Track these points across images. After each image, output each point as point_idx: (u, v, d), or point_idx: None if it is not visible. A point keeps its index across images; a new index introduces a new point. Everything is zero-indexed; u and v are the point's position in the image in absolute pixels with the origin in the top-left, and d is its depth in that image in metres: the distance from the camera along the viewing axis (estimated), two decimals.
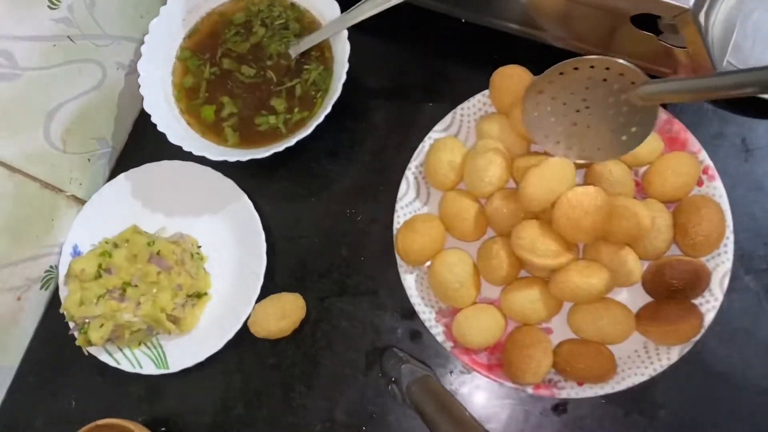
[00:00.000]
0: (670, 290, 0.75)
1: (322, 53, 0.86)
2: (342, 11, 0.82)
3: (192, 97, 0.86)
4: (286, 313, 0.80)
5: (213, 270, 0.85)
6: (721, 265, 0.76)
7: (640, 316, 0.76)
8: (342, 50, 0.81)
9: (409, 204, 0.83)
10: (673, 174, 0.77)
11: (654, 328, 0.74)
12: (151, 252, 0.80)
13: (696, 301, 0.76)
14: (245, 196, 0.84)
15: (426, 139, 0.84)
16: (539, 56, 0.85)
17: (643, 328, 0.75)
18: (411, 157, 0.83)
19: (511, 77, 0.80)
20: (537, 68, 0.81)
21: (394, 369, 0.72)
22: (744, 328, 0.78)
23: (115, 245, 0.81)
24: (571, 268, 0.73)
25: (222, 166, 0.83)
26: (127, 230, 0.82)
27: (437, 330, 0.79)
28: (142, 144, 0.92)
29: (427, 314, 0.79)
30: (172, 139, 0.80)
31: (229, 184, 0.85)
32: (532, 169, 0.74)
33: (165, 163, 0.87)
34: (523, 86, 0.80)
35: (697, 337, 0.74)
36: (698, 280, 0.74)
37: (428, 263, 0.80)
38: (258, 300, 0.82)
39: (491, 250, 0.77)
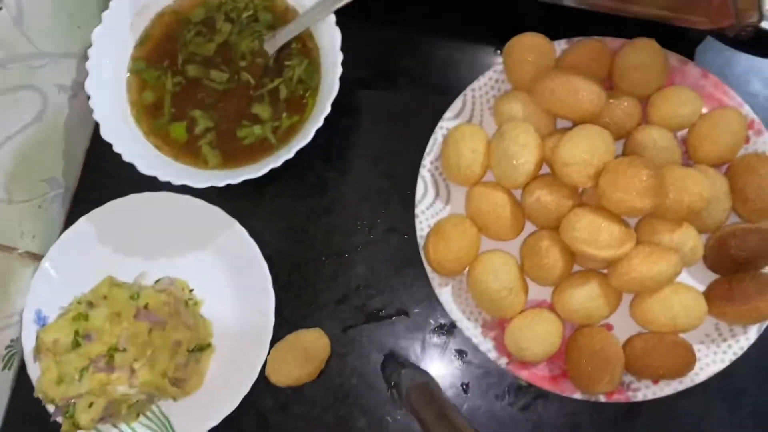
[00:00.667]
0: (738, 263, 0.68)
1: (304, 45, 0.73)
2: None
3: (155, 115, 0.73)
4: (309, 355, 0.69)
5: (213, 315, 0.73)
6: None
7: (711, 296, 0.68)
8: (330, 38, 0.70)
9: (429, 206, 0.72)
10: (721, 134, 0.69)
11: (730, 309, 0.66)
12: (137, 306, 0.67)
13: (766, 270, 0.69)
14: (237, 224, 0.73)
15: (437, 129, 0.73)
16: (550, 20, 0.76)
17: (717, 310, 0.67)
18: (422, 152, 0.73)
19: (530, 48, 0.71)
20: (551, 34, 0.72)
21: (394, 374, 0.67)
22: None
23: (91, 304, 0.69)
24: (633, 255, 0.64)
25: (202, 192, 0.70)
26: (101, 284, 0.70)
27: (487, 346, 0.69)
28: (99, 178, 0.78)
29: (472, 329, 0.70)
30: (144, 169, 0.67)
31: (216, 211, 0.73)
32: (566, 133, 0.66)
33: (133, 198, 0.74)
34: (543, 56, 0.71)
35: None
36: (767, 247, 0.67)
37: (465, 271, 0.70)
38: (272, 343, 0.70)
39: (539, 248, 0.67)
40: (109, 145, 0.67)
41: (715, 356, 0.68)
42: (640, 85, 0.70)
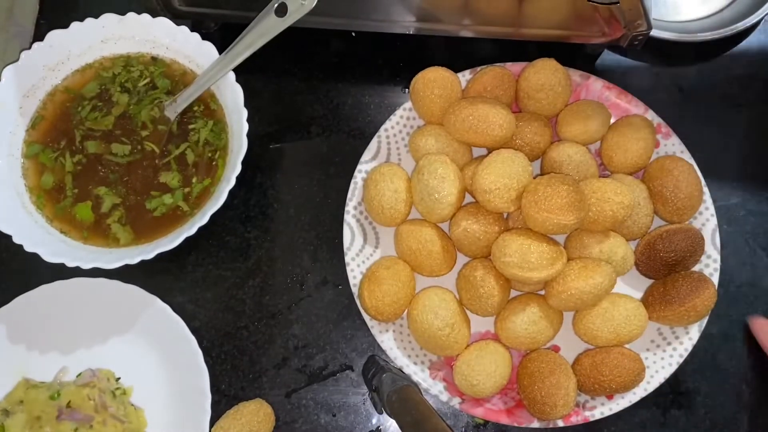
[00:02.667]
0: (669, 264, 0.68)
1: (206, 106, 0.71)
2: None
3: (57, 198, 0.69)
4: (253, 428, 0.64)
5: (145, 402, 0.68)
6: (707, 223, 0.71)
7: (649, 302, 0.68)
8: (233, 96, 0.68)
9: (359, 253, 0.70)
10: (632, 142, 0.70)
11: (669, 312, 0.66)
12: (59, 406, 0.63)
13: (696, 268, 0.69)
14: (158, 300, 0.69)
15: (356, 173, 0.72)
16: (451, 52, 0.77)
17: (657, 314, 0.67)
18: (344, 198, 0.71)
19: (434, 81, 0.71)
20: (456, 67, 0.72)
21: (375, 378, 0.65)
22: (747, 283, 0.72)
23: (6, 412, 0.64)
24: (567, 273, 0.64)
25: (117, 272, 0.66)
26: (16, 388, 0.66)
27: (438, 388, 0.67)
28: (5, 272, 0.72)
29: (420, 373, 0.67)
30: (49, 257, 0.62)
31: (134, 290, 0.69)
32: (482, 161, 0.66)
33: (43, 289, 0.69)
34: (448, 89, 0.71)
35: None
36: (694, 245, 0.68)
37: (405, 314, 0.68)
38: (212, 422, 0.66)
39: (474, 278, 0.66)
40: (10, 237, 0.63)
41: (662, 361, 0.68)
42: (547, 104, 0.71)
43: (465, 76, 0.73)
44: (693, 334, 0.68)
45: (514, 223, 0.68)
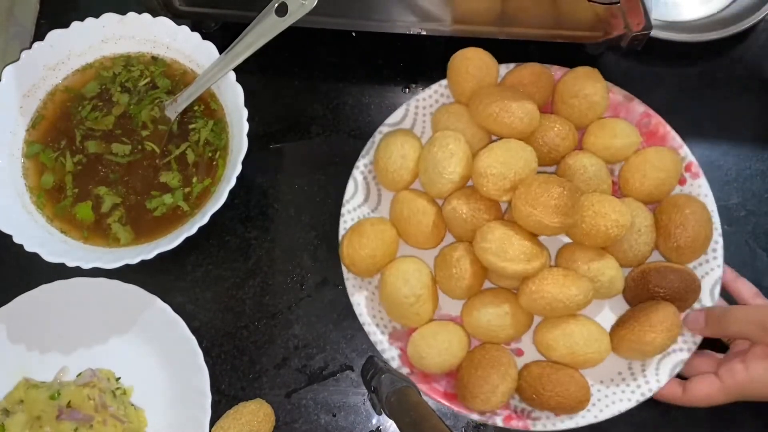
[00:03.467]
0: (655, 300, 0.66)
1: (207, 106, 0.71)
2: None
3: (57, 198, 0.69)
4: (253, 428, 0.64)
5: (145, 402, 0.68)
6: (710, 273, 0.68)
7: (614, 326, 0.67)
8: (233, 96, 0.67)
9: (356, 208, 0.71)
10: (652, 170, 0.68)
11: (626, 331, 0.64)
12: (59, 406, 0.63)
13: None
14: (158, 300, 0.69)
15: (376, 133, 0.72)
16: (451, 52, 0.76)
17: (616, 336, 0.65)
18: (342, 198, 0.71)
19: (472, 61, 0.70)
20: None
21: (374, 378, 0.65)
22: None
23: (7, 412, 0.64)
24: (547, 276, 0.63)
25: (118, 272, 0.66)
26: (16, 388, 0.66)
27: (392, 354, 0.67)
28: (5, 272, 0.72)
29: (378, 335, 0.68)
30: (49, 256, 0.62)
31: (134, 290, 0.69)
32: (487, 146, 0.66)
33: (43, 289, 0.69)
34: (484, 71, 0.70)
35: (687, 353, 0.65)
36: (687, 290, 0.66)
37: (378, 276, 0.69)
38: (212, 422, 0.66)
39: (451, 257, 0.66)
40: (10, 237, 0.63)
41: (623, 394, 0.66)
42: (579, 112, 0.70)
43: (509, 66, 0.73)
44: (662, 376, 0.65)
45: (509, 218, 0.67)
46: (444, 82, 0.73)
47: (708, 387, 0.64)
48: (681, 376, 0.66)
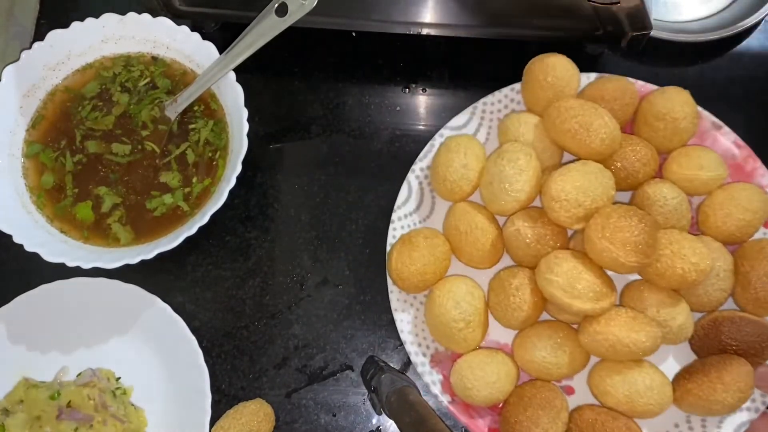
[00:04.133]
0: (725, 352, 0.61)
1: (207, 106, 0.71)
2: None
3: (57, 198, 0.69)
4: (253, 428, 0.64)
5: (145, 402, 0.68)
6: None
7: (678, 377, 0.62)
8: (233, 96, 0.68)
9: (408, 215, 0.68)
10: (738, 209, 0.63)
11: (693, 385, 0.59)
12: (59, 406, 0.63)
13: None
14: (158, 300, 0.69)
15: (437, 136, 0.69)
16: (451, 51, 0.77)
17: (681, 389, 0.61)
18: (344, 198, 0.71)
19: (553, 67, 0.66)
20: (455, 65, 0.72)
21: (374, 378, 0.65)
22: None
23: (6, 411, 0.64)
24: (614, 318, 0.58)
25: (118, 272, 0.66)
26: (16, 388, 0.66)
27: (432, 378, 0.64)
28: (5, 272, 0.72)
29: (420, 358, 0.65)
30: (49, 256, 0.62)
31: (134, 290, 0.69)
32: (562, 167, 0.60)
33: (43, 289, 0.69)
34: (563, 81, 0.66)
35: (754, 413, 0.61)
36: (763, 345, 0.60)
37: (425, 293, 0.66)
38: (212, 422, 0.66)
39: (510, 284, 0.62)
40: (10, 237, 0.63)
41: None
42: (663, 136, 0.65)
43: (589, 77, 0.69)
44: (725, 430, 0.61)
45: (575, 246, 0.63)
46: (516, 86, 0.69)
47: None
48: None
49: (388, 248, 0.66)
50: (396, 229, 0.67)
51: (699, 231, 0.66)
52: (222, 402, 0.68)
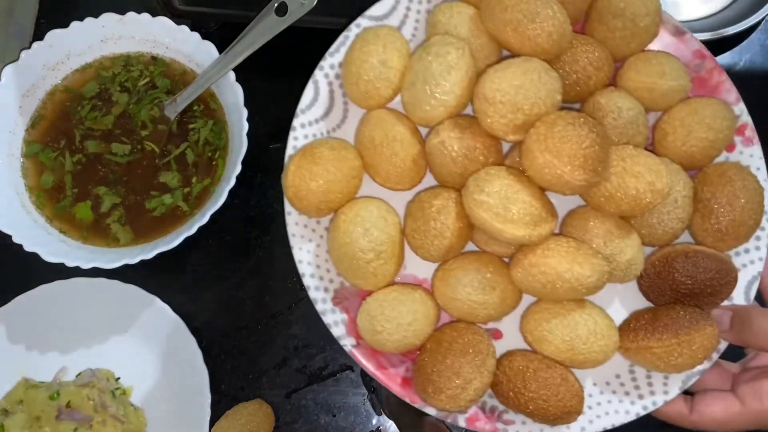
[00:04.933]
0: (678, 293, 0.53)
1: (206, 106, 0.71)
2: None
3: (57, 198, 0.69)
4: (252, 429, 0.65)
5: (144, 402, 0.68)
6: (749, 266, 0.55)
7: (629, 328, 0.53)
8: (233, 96, 0.67)
9: (313, 123, 0.55)
10: (701, 127, 0.54)
11: (656, 343, 0.51)
12: (59, 406, 0.64)
13: None
14: (158, 300, 0.69)
15: (353, 26, 0.57)
16: None
17: (636, 344, 0.52)
18: None
19: None
20: None
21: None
22: None
23: (6, 412, 0.64)
24: (552, 248, 0.49)
25: (117, 272, 0.66)
26: (15, 388, 0.66)
27: (335, 318, 0.53)
28: (4, 272, 0.72)
29: (321, 293, 0.53)
30: (48, 256, 0.62)
31: (133, 290, 0.69)
32: (498, 63, 0.50)
33: (42, 289, 0.69)
34: None
35: (707, 364, 0.53)
36: (721, 283, 0.53)
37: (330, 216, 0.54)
38: (212, 422, 0.66)
39: (430, 207, 0.51)
40: (10, 237, 0.63)
41: (620, 404, 0.53)
42: (620, 37, 0.55)
43: None
44: (671, 389, 0.53)
45: (511, 163, 0.53)
46: None
47: (724, 409, 0.52)
48: (687, 392, 0.54)
49: (286, 160, 0.54)
50: (298, 138, 0.54)
51: (655, 151, 0.56)
52: (222, 402, 0.68)
